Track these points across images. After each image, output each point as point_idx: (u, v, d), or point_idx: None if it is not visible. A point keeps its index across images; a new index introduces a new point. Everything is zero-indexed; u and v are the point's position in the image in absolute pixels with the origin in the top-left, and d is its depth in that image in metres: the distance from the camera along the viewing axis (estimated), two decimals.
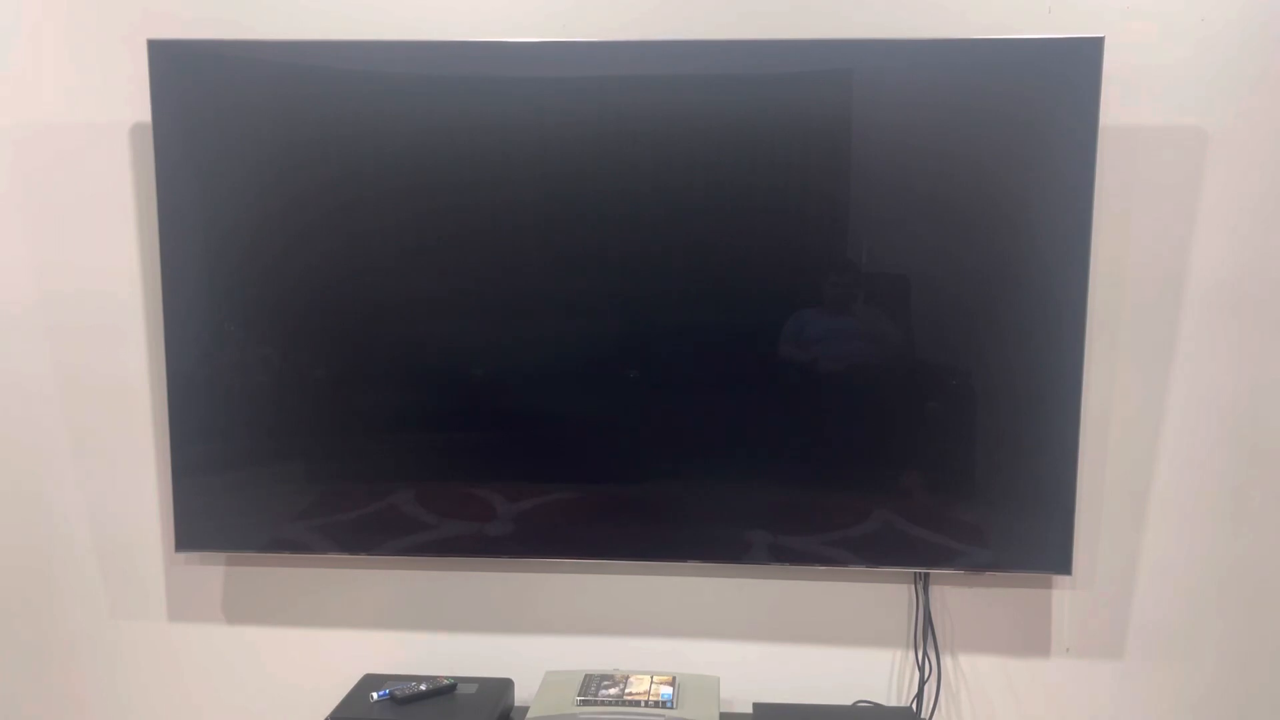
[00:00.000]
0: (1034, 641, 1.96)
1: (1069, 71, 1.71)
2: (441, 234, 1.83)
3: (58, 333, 2.00)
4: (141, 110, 1.86)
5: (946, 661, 1.96)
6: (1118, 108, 1.77)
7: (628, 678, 1.84)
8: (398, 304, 1.85)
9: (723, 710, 1.80)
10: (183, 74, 1.81)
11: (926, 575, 1.93)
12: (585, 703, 1.75)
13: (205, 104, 1.82)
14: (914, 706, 1.96)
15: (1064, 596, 1.94)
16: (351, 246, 1.84)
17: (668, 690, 1.79)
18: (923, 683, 1.95)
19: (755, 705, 1.88)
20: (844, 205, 1.79)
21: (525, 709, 1.79)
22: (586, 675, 1.85)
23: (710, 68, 1.77)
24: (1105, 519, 1.91)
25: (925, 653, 1.95)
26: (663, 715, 1.72)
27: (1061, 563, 1.83)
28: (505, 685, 1.90)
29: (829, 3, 1.84)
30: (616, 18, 1.86)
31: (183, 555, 2.01)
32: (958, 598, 1.96)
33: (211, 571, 2.05)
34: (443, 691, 1.85)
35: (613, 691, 1.79)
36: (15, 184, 1.97)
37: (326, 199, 1.83)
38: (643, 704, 1.75)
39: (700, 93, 1.76)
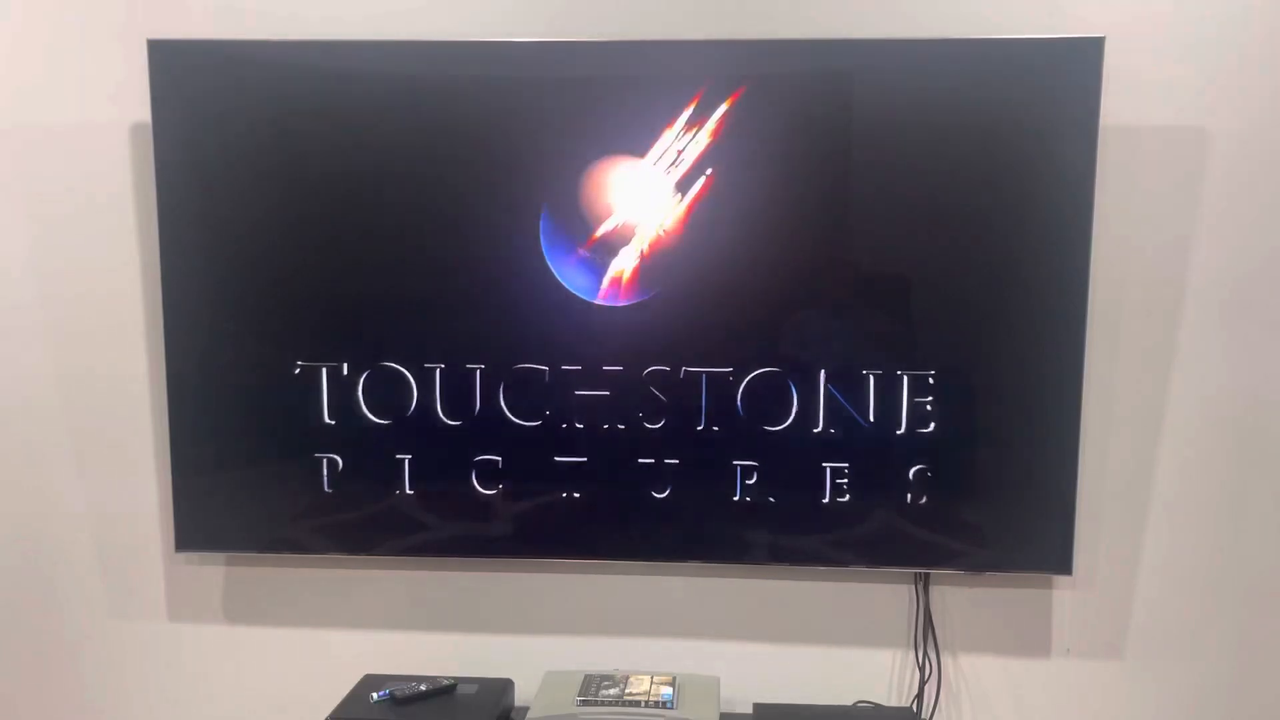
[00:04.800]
0: (1034, 641, 1.96)
1: (1069, 71, 1.71)
2: (442, 233, 1.83)
3: (58, 333, 2.00)
4: (141, 110, 1.86)
5: (946, 661, 1.96)
6: (1118, 108, 1.77)
7: (628, 678, 1.84)
8: (398, 303, 1.85)
9: (723, 710, 1.80)
10: (183, 74, 1.81)
11: (926, 575, 1.93)
12: (585, 703, 1.75)
13: (205, 104, 1.82)
14: (914, 707, 1.95)
15: (1064, 596, 1.94)
16: (351, 246, 1.84)
17: (668, 690, 1.79)
18: (923, 683, 1.95)
19: (755, 705, 1.88)
20: (844, 205, 1.79)
21: (525, 709, 1.79)
22: (586, 675, 1.85)
23: (712, 68, 1.77)
24: (1105, 519, 1.91)
25: (925, 653, 1.95)
26: (663, 715, 1.72)
27: (1061, 563, 1.83)
28: (505, 685, 1.90)
29: (829, 2, 1.84)
30: (614, 17, 1.86)
31: (183, 555, 2.01)
32: (958, 598, 1.96)
33: (211, 571, 2.05)
34: (443, 691, 1.85)
35: (613, 692, 1.79)
36: (15, 184, 1.97)
37: (326, 198, 1.84)
38: (643, 704, 1.75)
39: (701, 92, 1.76)
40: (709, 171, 1.77)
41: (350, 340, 1.86)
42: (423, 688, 1.84)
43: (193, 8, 1.90)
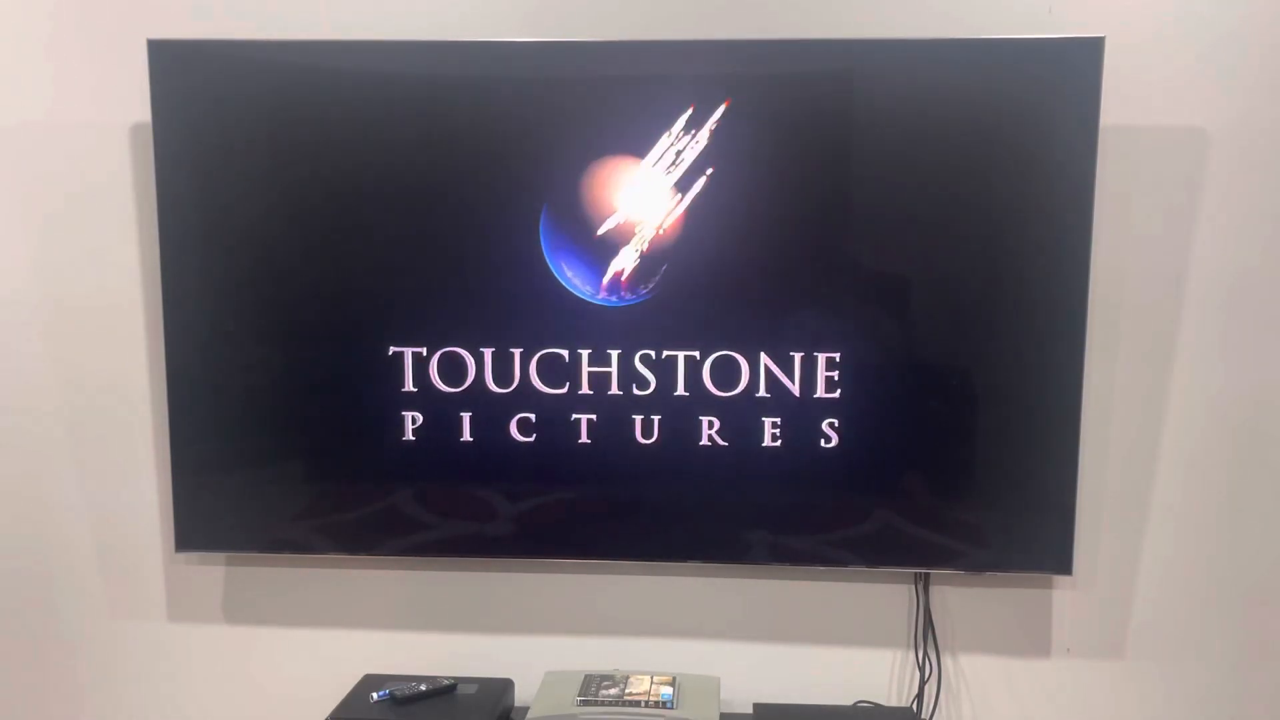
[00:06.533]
0: (1034, 641, 1.96)
1: (1069, 71, 1.71)
2: (441, 233, 1.83)
3: (58, 333, 2.00)
4: (141, 110, 1.86)
5: (946, 661, 1.96)
6: (1118, 108, 1.77)
7: (628, 678, 1.84)
8: (397, 304, 1.85)
9: (723, 710, 1.80)
10: (183, 74, 1.81)
11: (926, 575, 1.93)
12: (585, 703, 1.75)
13: (205, 104, 1.82)
14: (914, 706, 1.96)
15: (1064, 596, 1.94)
16: (352, 246, 1.85)
17: (668, 690, 1.79)
18: (923, 683, 1.95)
19: (755, 705, 1.88)
20: (844, 205, 1.80)
21: (525, 709, 1.80)
22: (586, 675, 1.85)
23: (711, 68, 1.77)
24: (1105, 519, 1.91)
25: (925, 653, 1.95)
26: (663, 715, 1.73)
27: (1061, 563, 1.83)
28: (505, 685, 1.91)
29: (829, 3, 1.84)
30: (615, 17, 1.86)
31: (183, 555, 2.01)
32: (958, 598, 1.96)
33: (211, 571, 2.05)
34: (443, 691, 1.85)
35: (613, 692, 1.79)
36: (15, 184, 1.97)
37: (326, 199, 1.84)
38: (643, 704, 1.75)
39: (701, 92, 1.76)
40: (709, 171, 1.77)
41: (351, 339, 1.87)
42: (423, 688, 1.84)
43: (193, 8, 1.90)
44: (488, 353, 1.85)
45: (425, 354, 1.85)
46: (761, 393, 1.83)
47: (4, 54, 1.94)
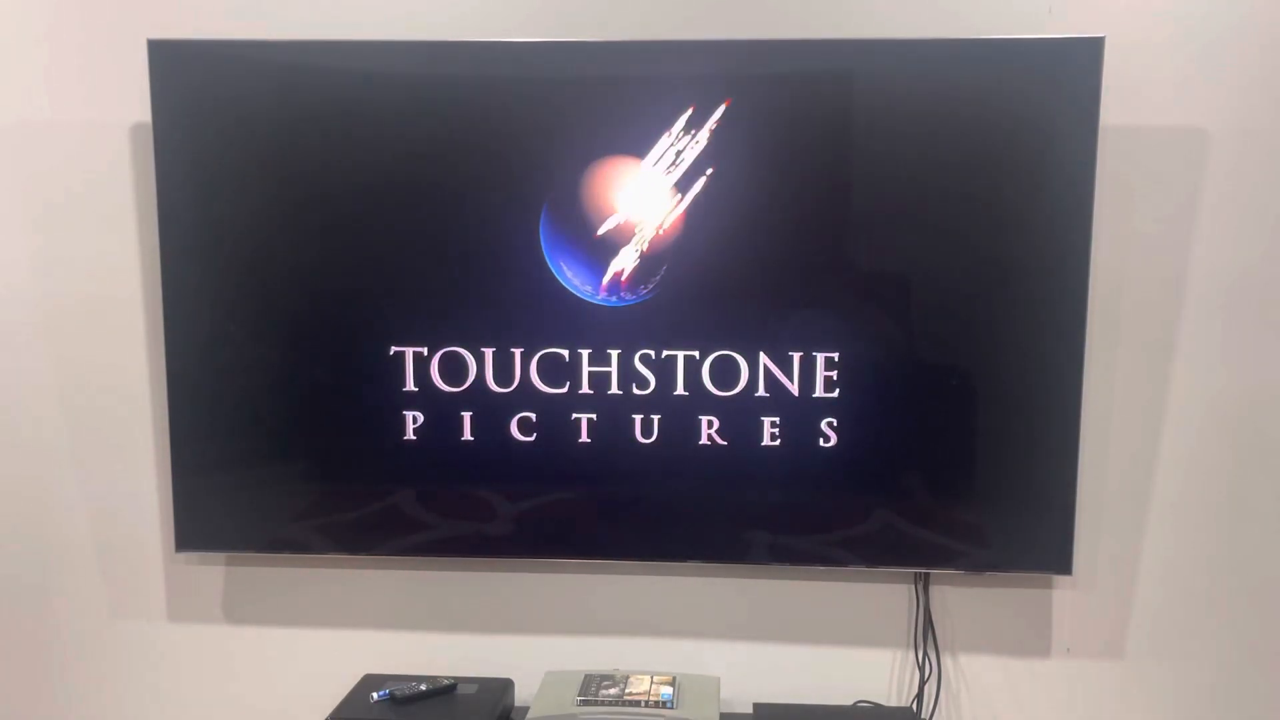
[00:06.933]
0: (1034, 641, 1.96)
1: (1069, 71, 1.71)
2: (442, 233, 1.83)
3: (58, 333, 2.00)
4: (141, 110, 1.86)
5: (946, 661, 1.96)
6: (1118, 108, 1.77)
7: (628, 678, 1.84)
8: (398, 304, 1.85)
9: (723, 710, 1.80)
10: (183, 74, 1.81)
11: (926, 575, 1.93)
12: (585, 703, 1.75)
13: (205, 104, 1.82)
14: (914, 706, 1.96)
15: (1064, 596, 1.94)
16: (352, 246, 1.85)
17: (668, 690, 1.79)
18: (923, 683, 1.95)
19: (755, 705, 1.88)
20: (844, 205, 1.80)
21: (525, 709, 1.80)
22: (586, 675, 1.85)
23: (711, 68, 1.77)
24: (1105, 519, 1.91)
25: (925, 653, 1.95)
26: (663, 715, 1.73)
27: (1061, 563, 1.83)
28: (505, 685, 1.91)
29: (829, 3, 1.84)
30: (615, 17, 1.86)
31: (183, 555, 2.01)
32: (958, 598, 1.96)
33: (211, 571, 2.05)
34: (443, 691, 1.85)
35: (613, 691, 1.79)
36: (15, 184, 1.97)
37: (326, 199, 1.84)
38: (643, 704, 1.75)
39: (701, 92, 1.76)
40: (709, 171, 1.77)
41: (351, 340, 1.87)
42: (423, 688, 1.84)
43: (193, 8, 1.90)
44: (488, 352, 1.85)
45: (426, 353, 1.86)
46: (761, 392, 1.83)
47: (4, 54, 1.94)
